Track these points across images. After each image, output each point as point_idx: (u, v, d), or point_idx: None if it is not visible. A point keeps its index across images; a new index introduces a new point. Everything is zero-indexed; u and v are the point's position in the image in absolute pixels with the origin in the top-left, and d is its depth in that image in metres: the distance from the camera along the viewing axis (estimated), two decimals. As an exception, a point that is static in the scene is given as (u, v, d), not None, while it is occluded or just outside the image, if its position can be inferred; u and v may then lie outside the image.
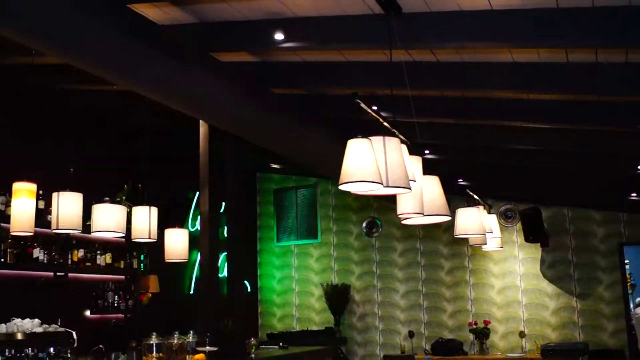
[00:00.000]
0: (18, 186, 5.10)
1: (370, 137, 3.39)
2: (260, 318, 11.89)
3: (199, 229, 9.49)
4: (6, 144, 6.84)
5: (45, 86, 7.28)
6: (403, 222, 4.41)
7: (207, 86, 5.07)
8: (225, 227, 8.87)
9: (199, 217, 9.89)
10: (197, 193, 9.95)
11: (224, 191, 6.77)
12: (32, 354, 6.15)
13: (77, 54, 4.39)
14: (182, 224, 7.17)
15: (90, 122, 8.13)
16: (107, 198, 6.56)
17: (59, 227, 4.92)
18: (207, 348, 5.64)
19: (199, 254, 8.99)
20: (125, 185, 7.32)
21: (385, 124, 3.91)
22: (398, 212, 4.11)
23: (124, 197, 7.55)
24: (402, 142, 3.79)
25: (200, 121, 6.52)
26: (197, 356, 5.54)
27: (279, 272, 11.95)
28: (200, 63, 5.01)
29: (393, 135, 3.77)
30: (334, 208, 11.72)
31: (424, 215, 4.17)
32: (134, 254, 8.04)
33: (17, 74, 6.79)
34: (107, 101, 7.77)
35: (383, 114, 4.46)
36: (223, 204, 8.68)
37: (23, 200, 5.03)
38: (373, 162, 3.25)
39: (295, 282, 11.80)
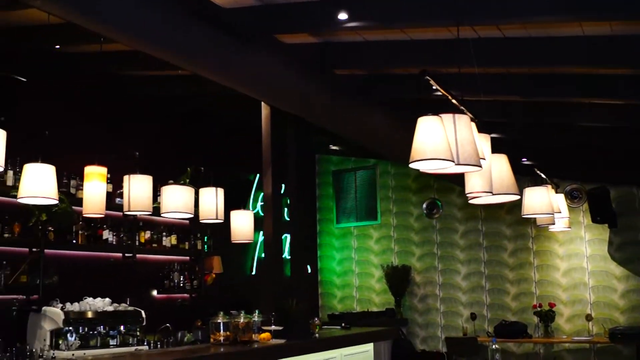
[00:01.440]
0: (90, 170, 5.23)
1: (440, 115, 3.34)
2: (321, 299, 11.96)
3: (259, 210, 9.63)
4: (75, 130, 7.03)
5: (112, 73, 7.43)
6: (470, 201, 4.34)
7: (270, 68, 5.09)
8: (287, 209, 8.96)
9: (259, 199, 10.05)
10: (257, 175, 10.08)
11: (286, 173, 6.80)
12: (104, 331, 6.35)
13: (143, 39, 4.47)
14: (243, 206, 7.26)
15: (153, 108, 8.28)
16: (171, 181, 6.70)
17: (131, 209, 5.03)
18: (273, 327, 5.70)
19: (260, 235, 9.12)
20: (188, 169, 7.42)
21: (454, 101, 3.84)
22: (466, 191, 4.05)
23: (187, 180, 7.66)
24: (472, 119, 3.73)
25: (263, 104, 6.56)
26: (262, 335, 5.61)
27: (339, 253, 11.98)
28: (264, 45, 5.03)
29: (462, 112, 3.71)
30: (394, 189, 11.65)
31: (493, 194, 4.10)
32: (198, 235, 8.18)
33: (86, 61, 6.96)
34: (171, 86, 7.88)
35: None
36: (283, 185, 8.75)
37: (94, 183, 5.16)
38: (444, 140, 3.21)
39: (355, 263, 11.82)
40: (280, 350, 5.52)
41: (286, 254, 8.84)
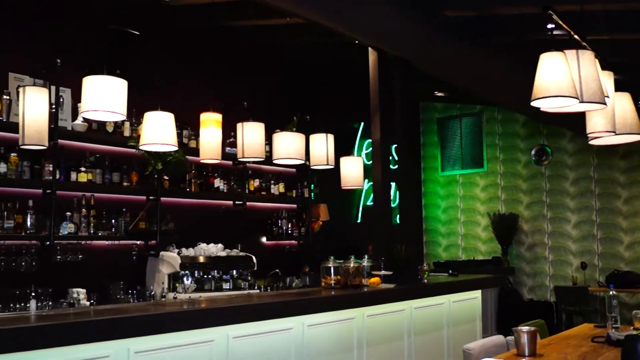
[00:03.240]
0: (205, 116, 5.35)
1: (563, 51, 3.18)
2: (426, 247, 11.94)
3: (364, 159, 9.62)
4: (185, 81, 7.21)
5: (219, 24, 7.54)
6: (591, 142, 4.15)
7: (378, 9, 5.00)
8: (392, 157, 8.91)
9: (364, 147, 10.04)
10: (362, 123, 10.05)
11: (392, 120, 6.73)
12: (218, 276, 6.60)
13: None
14: (349, 153, 7.27)
15: (258, 57, 8.37)
16: (278, 130, 6.78)
17: (245, 156, 5.13)
18: (382, 272, 5.74)
19: (365, 183, 9.15)
20: (295, 117, 7.49)
21: (576, 37, 3.64)
22: (587, 131, 3.88)
23: (294, 129, 7.75)
24: (595, 56, 3.53)
25: (370, 50, 6.47)
26: (372, 280, 5.67)
27: (444, 201, 11.86)
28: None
29: (585, 48, 3.52)
30: (501, 136, 11.33)
31: (616, 134, 3.90)
32: (305, 183, 8.29)
33: (194, 13, 7.09)
34: (276, 36, 7.91)
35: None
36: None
37: (210, 129, 5.29)
38: (568, 76, 3.06)
39: (460, 211, 11.67)
40: (389, 295, 5.56)
41: (393, 202, 8.83)
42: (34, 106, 3.97)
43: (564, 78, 3.02)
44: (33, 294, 4.04)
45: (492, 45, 6.35)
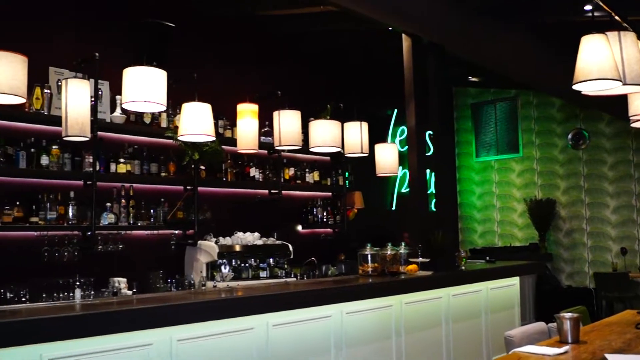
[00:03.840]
0: (242, 107, 5.38)
1: (605, 33, 3.12)
2: (461, 234, 11.86)
3: (397, 145, 9.58)
4: (219, 72, 7.24)
5: (251, 13, 7.55)
6: (633, 124, 4.07)
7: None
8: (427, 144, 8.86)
9: (397, 134, 10.00)
10: (395, 110, 10.01)
11: (426, 106, 6.68)
12: (255, 264, 6.66)
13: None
14: (382, 140, 7.25)
15: (290, 46, 8.37)
16: (312, 118, 6.78)
17: (282, 144, 5.15)
18: (420, 259, 5.74)
19: (399, 169, 9.12)
20: (328, 105, 7.49)
21: (617, 18, 3.57)
22: (630, 114, 3.81)
23: (327, 117, 7.75)
24: (638, 37, 3.46)
25: (403, 36, 6.43)
26: (410, 267, 5.67)
27: (479, 188, 11.76)
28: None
29: (627, 30, 3.45)
30: (537, 120, 11.18)
31: (660, 117, 3.82)
32: (339, 171, 8.29)
33: (227, 3, 7.11)
34: (309, 25, 7.90)
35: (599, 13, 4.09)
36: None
37: (247, 120, 5.32)
38: (610, 59, 3.00)
39: (496, 197, 11.57)
40: (427, 282, 5.56)
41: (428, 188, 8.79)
42: (76, 98, 4.04)
43: (606, 60, 2.97)
44: (78, 283, 4.12)
45: (528, 27, 6.26)
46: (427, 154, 6.96)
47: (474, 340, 6.19)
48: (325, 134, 5.21)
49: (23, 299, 4.93)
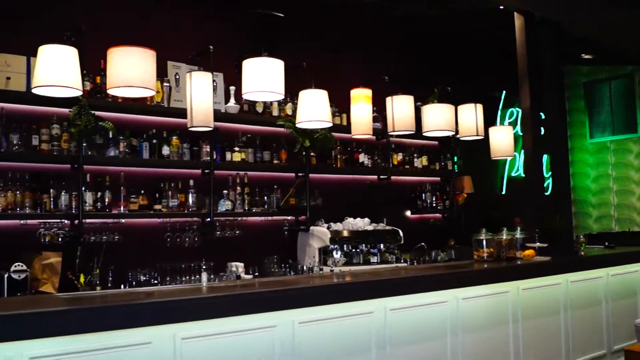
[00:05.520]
0: (355, 92, 5.41)
1: None
2: (575, 219, 11.42)
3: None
4: (327, 60, 7.27)
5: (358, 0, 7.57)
6: None
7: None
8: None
9: (506, 116, 9.76)
10: (504, 92, 9.76)
11: (540, 87, 6.47)
12: (365, 249, 6.71)
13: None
14: (492, 123, 7.08)
15: (395, 31, 8.30)
16: (419, 103, 6.72)
17: (395, 130, 5.15)
18: (537, 244, 5.60)
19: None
20: (436, 89, 7.41)
21: None
22: None
23: (435, 101, 7.67)
24: None
25: (515, 14, 6.25)
26: (526, 252, 5.54)
27: (594, 170, 11.27)
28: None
29: None
30: (656, 98, 10.58)
31: None
32: (448, 155, 8.19)
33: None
34: (412, 8, 7.81)
35: None
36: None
37: (360, 105, 5.33)
38: None
39: (612, 180, 11.05)
40: (545, 267, 5.43)
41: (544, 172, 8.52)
42: (200, 90, 4.20)
43: None
44: (204, 267, 4.32)
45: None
46: (541, 136, 6.75)
47: (594, 327, 5.99)
48: (439, 118, 5.17)
49: (155, 282, 5.23)
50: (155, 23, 6.13)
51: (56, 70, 3.44)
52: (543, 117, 6.78)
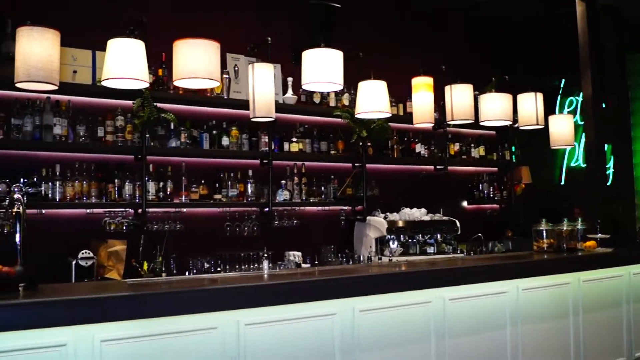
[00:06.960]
0: (417, 81, 5.38)
1: None
2: (638, 210, 11.11)
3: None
4: (384, 49, 7.23)
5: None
6: None
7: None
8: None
9: (565, 105, 9.55)
10: (563, 80, 9.55)
11: (602, 75, 6.33)
12: (422, 239, 6.71)
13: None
14: (550, 112, 6.93)
15: (452, 19, 8.22)
16: (477, 92, 6.64)
17: (454, 118, 5.13)
18: (599, 235, 5.51)
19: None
20: (493, 78, 7.32)
21: None
22: None
23: (492, 90, 7.57)
24: None
25: (577, 0, 6.13)
26: (588, 243, 5.46)
27: (658, 160, 10.94)
28: None
29: None
30: None
31: None
32: (506, 145, 8.08)
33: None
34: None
35: None
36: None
37: (421, 93, 5.31)
38: None
39: (678, 170, 10.70)
40: (607, 259, 5.33)
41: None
42: (262, 81, 4.27)
43: None
44: (265, 255, 4.40)
45: None
46: (604, 125, 6.61)
47: (658, 321, 5.85)
48: (497, 107, 5.12)
49: (218, 269, 5.36)
50: (212, 16, 6.22)
51: (125, 62, 3.55)
52: (604, 105, 6.64)
